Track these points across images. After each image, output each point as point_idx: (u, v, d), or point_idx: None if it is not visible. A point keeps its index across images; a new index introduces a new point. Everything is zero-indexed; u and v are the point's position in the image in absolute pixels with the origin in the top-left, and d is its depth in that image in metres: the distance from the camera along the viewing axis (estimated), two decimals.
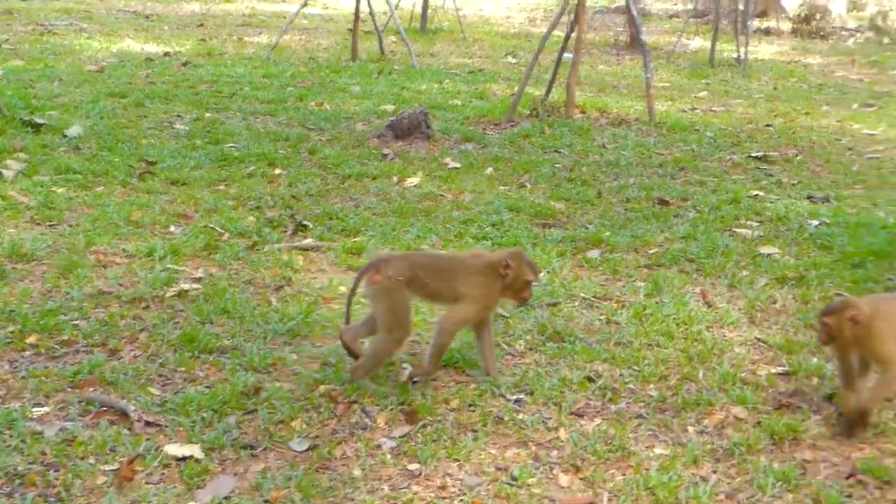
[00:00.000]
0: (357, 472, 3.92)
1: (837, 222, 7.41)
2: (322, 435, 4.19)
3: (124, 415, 4.24)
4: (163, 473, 3.86)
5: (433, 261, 4.88)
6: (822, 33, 21.91)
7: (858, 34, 21.99)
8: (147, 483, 3.79)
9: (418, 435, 4.21)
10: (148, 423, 4.20)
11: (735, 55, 16.93)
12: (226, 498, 3.68)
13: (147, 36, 17.03)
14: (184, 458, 3.92)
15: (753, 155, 9.75)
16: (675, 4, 27.71)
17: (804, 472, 4.05)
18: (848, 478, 4.02)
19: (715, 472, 4.05)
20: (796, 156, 9.92)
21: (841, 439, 4.30)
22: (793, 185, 8.78)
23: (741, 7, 18.10)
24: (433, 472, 3.93)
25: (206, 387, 4.53)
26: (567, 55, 11.34)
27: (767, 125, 11.52)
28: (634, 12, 12.17)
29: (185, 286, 5.67)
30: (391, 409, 4.39)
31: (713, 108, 12.57)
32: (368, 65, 14.61)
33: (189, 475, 3.82)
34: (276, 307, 5.47)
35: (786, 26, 22.65)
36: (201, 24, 19.24)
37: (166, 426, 4.19)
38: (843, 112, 12.70)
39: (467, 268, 4.66)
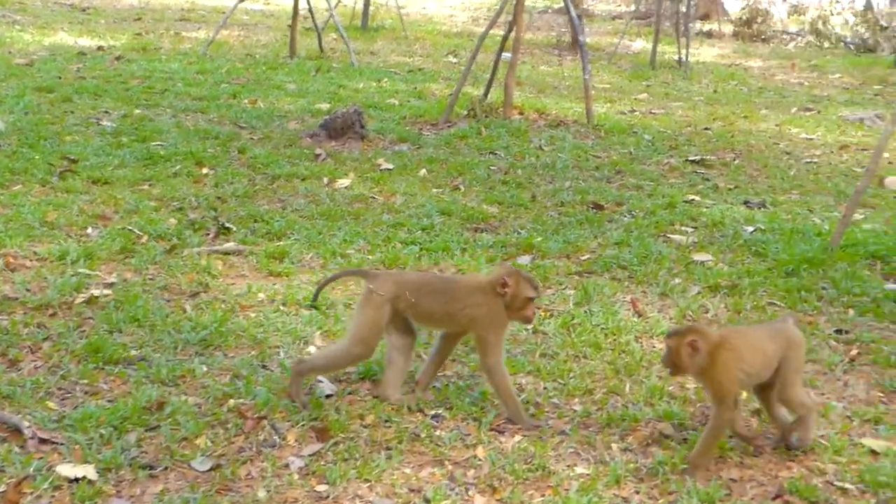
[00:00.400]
0: (261, 494, 3.70)
1: (773, 228, 7.31)
2: (227, 453, 3.96)
3: (17, 431, 3.99)
4: (53, 496, 3.61)
5: (426, 279, 4.62)
6: (763, 37, 22.02)
7: (799, 38, 22.10)
8: None
9: (329, 453, 4.00)
10: (42, 441, 3.95)
11: (676, 57, 16.90)
12: None
13: (82, 29, 16.64)
14: (77, 480, 3.68)
15: (691, 159, 9.65)
16: (619, 6, 27.71)
17: (730, 493, 3.90)
18: (775, 499, 3.87)
19: (637, 492, 3.88)
20: (734, 160, 9.85)
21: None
22: (729, 189, 8.68)
23: (683, 9, 18.08)
24: (342, 494, 3.73)
25: (109, 401, 4.29)
26: (506, 55, 11.17)
27: (706, 128, 11.45)
28: (574, 13, 12.02)
29: (96, 292, 5.41)
30: (302, 426, 4.18)
31: (653, 111, 12.49)
32: (307, 62, 14.36)
33: (80, 498, 3.58)
34: (189, 315, 5.23)
35: (727, 29, 22.73)
36: (139, 18, 18.86)
37: (62, 444, 3.93)
38: (782, 116, 12.67)
39: (464, 287, 4.41)
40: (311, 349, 4.94)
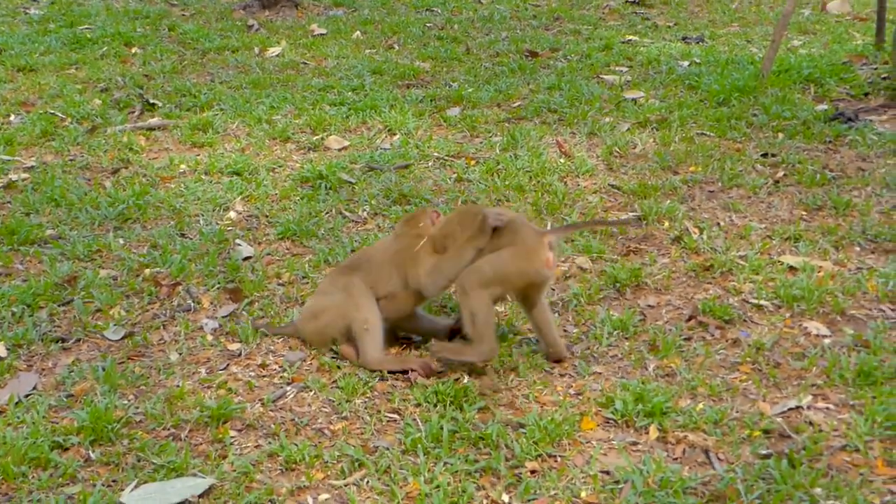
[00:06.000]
0: (174, 357, 3.69)
1: (708, 61, 7.22)
2: (141, 321, 3.94)
3: None
4: None
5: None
6: None
7: None
8: None
9: (243, 313, 3.99)
10: None
11: None
12: (26, 396, 3.43)
13: None
14: None
15: (630, 0, 9.48)
16: None
17: (644, 318, 3.90)
18: (689, 320, 3.88)
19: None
20: None
21: None
22: (668, 27, 8.56)
23: None
24: (255, 351, 3.72)
25: (23, 280, 4.24)
26: None
27: None
28: None
29: (14, 177, 5.33)
30: (217, 289, 4.15)
31: None
32: None
33: None
34: (109, 192, 5.15)
35: None
36: None
37: None
38: None
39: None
40: (232, 214, 4.89)
